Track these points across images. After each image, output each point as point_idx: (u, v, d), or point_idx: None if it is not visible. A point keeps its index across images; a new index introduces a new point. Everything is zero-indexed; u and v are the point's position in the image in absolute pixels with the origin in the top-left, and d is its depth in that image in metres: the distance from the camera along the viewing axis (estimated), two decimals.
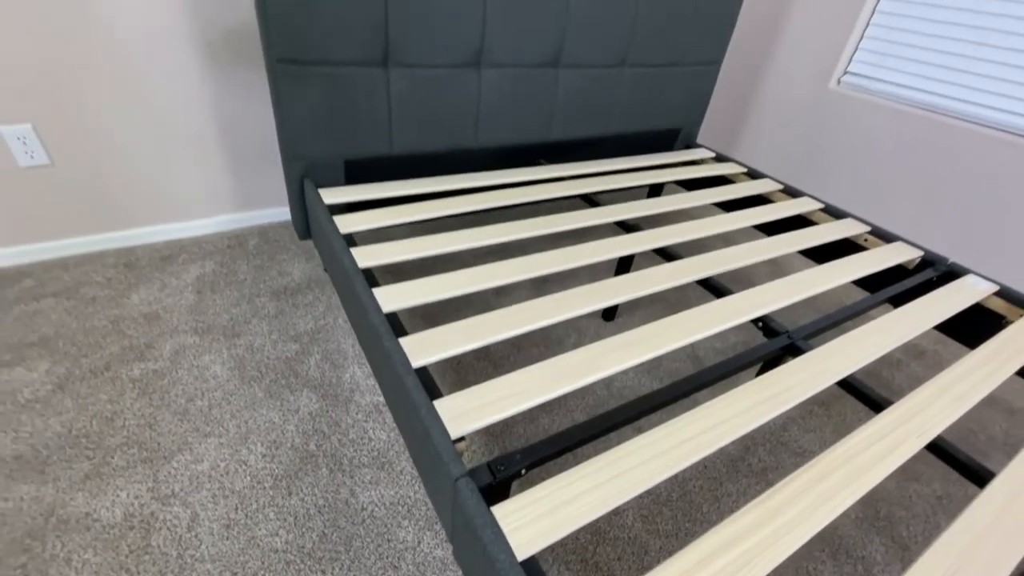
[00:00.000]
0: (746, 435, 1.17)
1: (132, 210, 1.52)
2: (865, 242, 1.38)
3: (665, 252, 1.23)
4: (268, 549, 0.87)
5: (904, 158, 1.78)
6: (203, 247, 1.58)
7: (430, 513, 0.95)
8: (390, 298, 0.90)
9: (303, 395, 1.15)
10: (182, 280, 1.43)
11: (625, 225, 1.32)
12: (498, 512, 0.59)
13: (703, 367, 1.35)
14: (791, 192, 1.57)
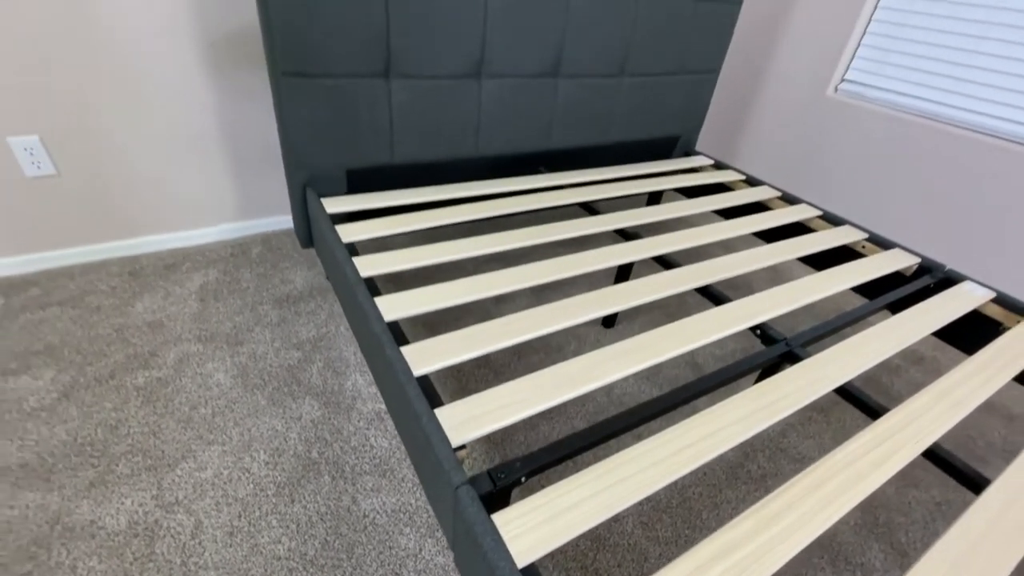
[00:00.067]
0: (745, 442, 1.18)
1: (136, 219, 1.54)
2: (863, 249, 1.39)
3: (664, 260, 1.24)
4: (271, 556, 0.87)
5: (901, 165, 1.80)
6: (206, 255, 1.60)
7: (431, 520, 0.96)
8: (392, 307, 0.91)
9: (305, 403, 1.16)
10: (186, 288, 1.45)
11: (624, 233, 1.34)
12: (498, 520, 0.60)
13: (703, 374, 1.36)
14: (789, 199, 1.58)
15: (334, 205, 1.22)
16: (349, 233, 1.13)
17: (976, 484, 0.80)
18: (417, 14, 1.16)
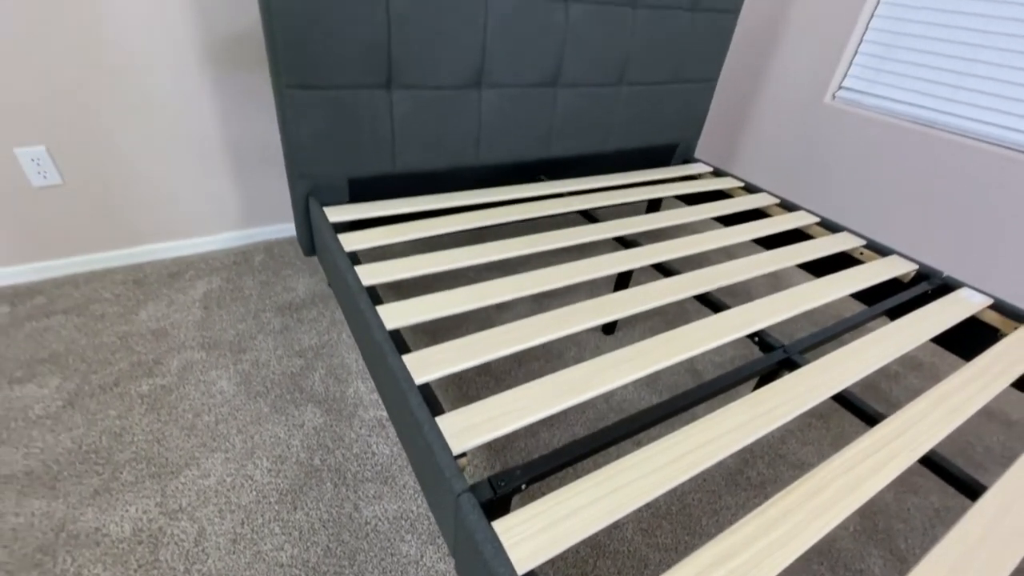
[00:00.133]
0: (744, 448, 1.18)
1: (140, 227, 1.55)
2: (860, 255, 1.40)
3: (663, 267, 1.25)
4: (273, 563, 0.88)
5: (898, 171, 1.81)
6: (210, 263, 1.61)
7: (432, 527, 0.96)
8: (393, 316, 0.92)
9: (308, 410, 1.16)
10: (189, 296, 1.46)
11: (624, 241, 1.35)
12: (499, 527, 0.60)
13: (702, 380, 1.37)
14: (787, 206, 1.59)
15: (336, 214, 1.24)
16: (351, 242, 1.14)
17: (972, 490, 0.81)
18: (418, 26, 1.18)
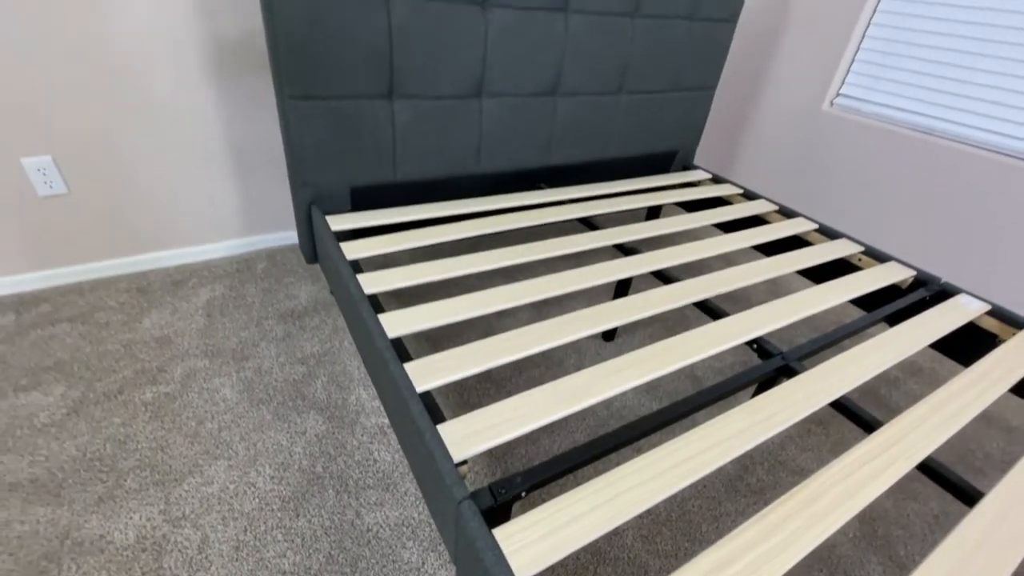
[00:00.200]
0: (744, 454, 1.19)
1: (144, 235, 1.57)
2: (859, 262, 1.41)
3: (663, 275, 1.26)
4: (276, 571, 0.89)
5: (896, 178, 1.82)
6: (213, 271, 1.63)
7: (434, 534, 0.97)
8: (395, 324, 0.93)
9: (310, 417, 1.17)
10: (192, 304, 1.47)
11: (624, 248, 1.36)
12: (499, 534, 0.61)
13: (702, 386, 1.37)
14: (786, 213, 1.60)
15: (338, 223, 1.25)
16: (353, 250, 1.15)
17: (970, 497, 0.81)
18: (419, 37, 1.19)
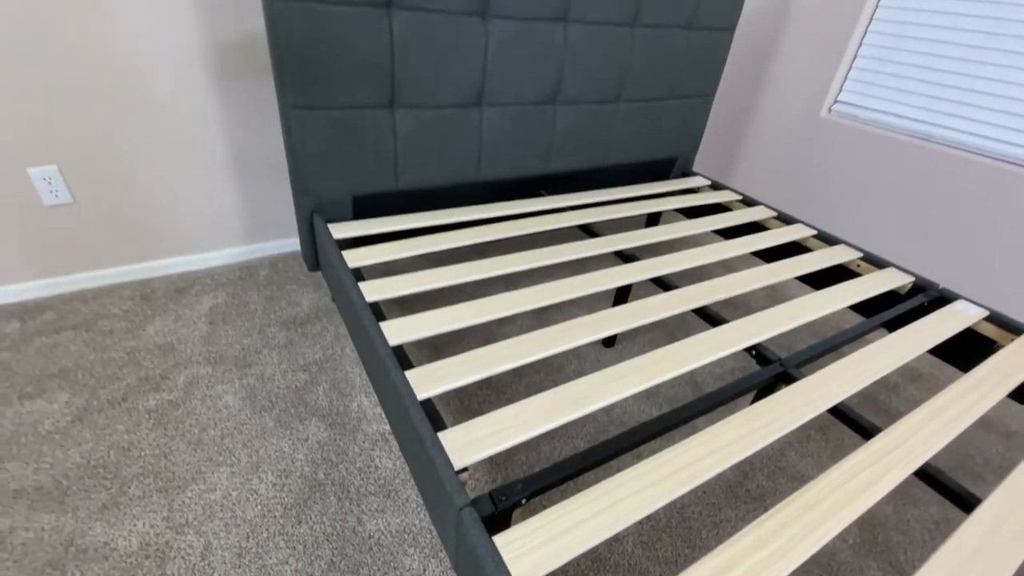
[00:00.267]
0: (744, 460, 1.19)
1: (148, 243, 1.58)
2: (858, 268, 1.42)
3: (662, 281, 1.27)
4: None
5: (894, 184, 1.83)
6: (216, 278, 1.64)
7: (435, 541, 0.97)
8: (396, 332, 0.94)
9: (312, 424, 1.18)
10: (196, 311, 1.48)
11: (623, 255, 1.37)
12: (500, 541, 0.62)
13: (702, 392, 1.38)
14: (785, 219, 1.61)
15: (340, 231, 1.26)
16: (355, 258, 1.16)
17: (967, 503, 0.81)
18: (420, 48, 1.21)
